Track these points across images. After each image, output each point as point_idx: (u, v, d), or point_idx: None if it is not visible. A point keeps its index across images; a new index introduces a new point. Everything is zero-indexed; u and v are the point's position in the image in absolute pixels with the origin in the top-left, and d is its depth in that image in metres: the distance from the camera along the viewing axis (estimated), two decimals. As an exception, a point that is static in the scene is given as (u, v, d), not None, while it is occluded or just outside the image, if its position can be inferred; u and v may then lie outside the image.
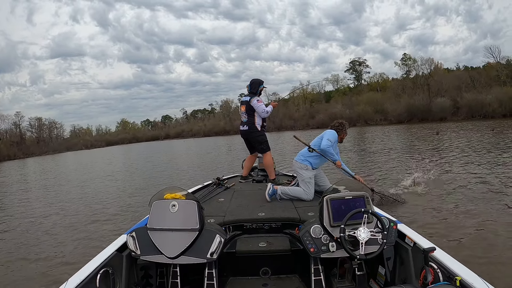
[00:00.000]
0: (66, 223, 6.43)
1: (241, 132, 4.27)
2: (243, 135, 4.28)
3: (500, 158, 9.17)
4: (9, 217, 7.63)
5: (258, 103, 4.05)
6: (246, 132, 4.18)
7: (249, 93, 4.16)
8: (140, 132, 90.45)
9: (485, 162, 8.79)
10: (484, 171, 7.67)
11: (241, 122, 4.28)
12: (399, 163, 9.96)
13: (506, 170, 7.54)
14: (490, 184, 6.39)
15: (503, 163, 8.47)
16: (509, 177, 6.82)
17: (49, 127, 72.38)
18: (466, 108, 40.36)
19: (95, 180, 13.31)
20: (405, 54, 60.88)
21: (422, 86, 50.77)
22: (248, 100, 4.07)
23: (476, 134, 17.55)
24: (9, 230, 6.36)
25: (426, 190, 6.30)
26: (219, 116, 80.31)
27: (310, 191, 3.37)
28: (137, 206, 7.22)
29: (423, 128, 29.34)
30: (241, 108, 4.23)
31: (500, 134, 16.38)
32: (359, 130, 36.32)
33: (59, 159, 37.05)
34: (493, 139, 14.34)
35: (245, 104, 4.13)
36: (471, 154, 10.36)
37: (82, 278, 1.75)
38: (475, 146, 12.43)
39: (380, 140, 20.13)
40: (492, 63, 49.41)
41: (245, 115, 4.13)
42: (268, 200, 3.26)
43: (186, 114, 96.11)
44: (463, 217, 4.70)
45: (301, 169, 3.52)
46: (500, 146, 11.86)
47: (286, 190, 3.35)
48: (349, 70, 69.39)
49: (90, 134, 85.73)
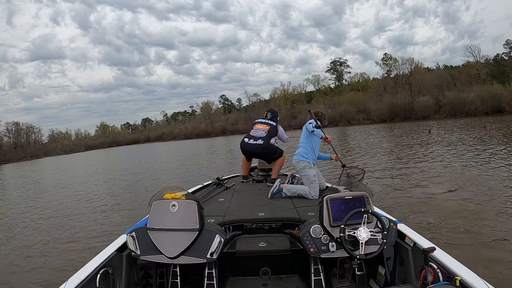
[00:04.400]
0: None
1: (252, 146, 4.24)
2: (255, 149, 4.26)
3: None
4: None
5: (283, 131, 4.55)
6: (260, 147, 4.22)
7: (271, 119, 4.45)
8: (120, 135, 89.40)
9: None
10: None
11: (251, 136, 4.30)
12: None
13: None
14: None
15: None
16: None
17: (27, 132, 70.53)
18: (449, 106, 40.87)
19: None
20: (386, 54, 61.06)
21: (403, 85, 51.06)
22: (275, 125, 4.39)
23: (469, 131, 17.91)
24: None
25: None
26: (199, 118, 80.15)
27: (316, 189, 3.39)
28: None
29: (411, 126, 29.88)
30: (262, 126, 4.35)
31: (493, 131, 16.83)
32: (341, 129, 36.05)
33: (38, 165, 36.14)
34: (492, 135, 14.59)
35: (269, 126, 4.35)
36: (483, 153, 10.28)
37: (82, 278, 1.73)
38: (476, 143, 12.62)
39: (380, 140, 20.23)
40: (472, 62, 49.82)
41: (265, 133, 4.28)
42: (269, 198, 3.30)
43: (167, 116, 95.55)
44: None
45: (304, 169, 3.54)
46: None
47: (292, 189, 3.37)
48: (330, 71, 69.42)
49: (69, 138, 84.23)
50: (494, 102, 35.79)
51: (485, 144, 12.28)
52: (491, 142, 12.49)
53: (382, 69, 59.58)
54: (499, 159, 8.93)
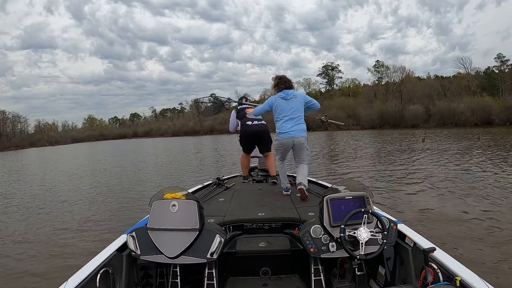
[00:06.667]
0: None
1: (259, 125, 4.25)
2: (262, 128, 4.29)
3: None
4: None
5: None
6: (265, 126, 4.32)
7: (252, 103, 4.57)
8: (107, 129, 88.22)
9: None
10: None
11: (252, 119, 4.26)
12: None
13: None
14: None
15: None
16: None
17: (13, 121, 69.26)
18: (438, 115, 40.88)
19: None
20: (378, 61, 60.92)
21: (394, 93, 50.95)
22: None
23: (464, 142, 17.91)
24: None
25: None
26: (188, 116, 79.24)
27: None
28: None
29: (403, 134, 29.73)
30: (252, 110, 4.25)
31: (489, 141, 16.82)
32: (330, 134, 35.64)
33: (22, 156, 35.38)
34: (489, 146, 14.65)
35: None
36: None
37: (82, 278, 1.72)
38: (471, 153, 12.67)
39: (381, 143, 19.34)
40: (463, 73, 50.03)
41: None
42: (287, 194, 3.34)
43: (156, 112, 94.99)
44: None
45: (305, 144, 3.42)
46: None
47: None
48: (322, 74, 68.81)
49: (55, 130, 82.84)
50: (484, 114, 35.92)
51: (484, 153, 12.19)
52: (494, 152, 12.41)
53: (374, 75, 59.56)
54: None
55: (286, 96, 3.42)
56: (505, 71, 47.20)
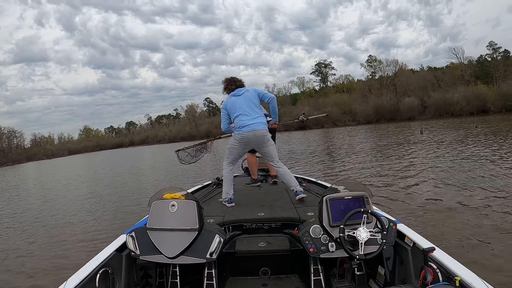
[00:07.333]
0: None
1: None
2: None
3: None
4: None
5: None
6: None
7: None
8: (103, 139, 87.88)
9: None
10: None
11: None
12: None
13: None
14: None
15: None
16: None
17: (9, 136, 68.94)
18: (434, 107, 40.99)
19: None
20: (371, 56, 60.97)
21: (388, 87, 50.98)
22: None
23: (462, 131, 17.89)
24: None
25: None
26: (184, 121, 79.44)
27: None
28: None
29: (400, 127, 29.76)
30: None
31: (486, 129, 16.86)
32: (326, 131, 35.64)
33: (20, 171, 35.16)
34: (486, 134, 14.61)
35: None
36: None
37: (81, 278, 1.72)
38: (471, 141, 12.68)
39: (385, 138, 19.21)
40: (456, 63, 50.14)
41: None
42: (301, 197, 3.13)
43: (151, 120, 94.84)
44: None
45: (269, 138, 3.27)
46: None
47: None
48: (315, 73, 68.81)
49: (51, 142, 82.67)
50: (479, 103, 36.07)
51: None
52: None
53: (367, 70, 59.64)
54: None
55: (238, 92, 3.29)
56: (498, 58, 47.47)
